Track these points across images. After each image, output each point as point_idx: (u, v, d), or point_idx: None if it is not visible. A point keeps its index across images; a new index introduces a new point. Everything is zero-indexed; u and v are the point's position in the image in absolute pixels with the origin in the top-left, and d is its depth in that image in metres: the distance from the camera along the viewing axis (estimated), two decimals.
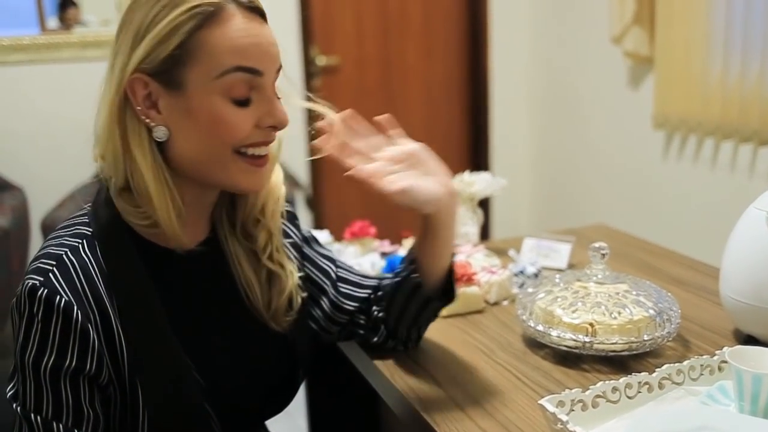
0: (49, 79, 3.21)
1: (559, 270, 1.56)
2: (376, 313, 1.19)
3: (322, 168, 3.78)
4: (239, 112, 0.94)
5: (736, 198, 2.66)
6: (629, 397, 0.99)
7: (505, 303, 1.41)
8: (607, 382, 0.98)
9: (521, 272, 1.46)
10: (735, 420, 0.91)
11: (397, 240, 1.65)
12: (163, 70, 0.91)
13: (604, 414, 0.97)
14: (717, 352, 1.06)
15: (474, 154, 4.07)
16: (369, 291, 1.21)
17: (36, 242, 2.95)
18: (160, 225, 0.95)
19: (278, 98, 0.98)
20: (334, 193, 3.86)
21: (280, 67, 0.98)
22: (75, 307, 0.88)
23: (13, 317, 0.91)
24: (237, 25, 0.92)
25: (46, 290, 0.87)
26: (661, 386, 1.01)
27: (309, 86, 3.64)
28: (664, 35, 2.84)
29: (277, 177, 1.10)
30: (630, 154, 3.23)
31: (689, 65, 2.74)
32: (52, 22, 3.26)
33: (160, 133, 0.93)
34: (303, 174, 3.73)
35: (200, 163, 0.95)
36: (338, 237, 1.66)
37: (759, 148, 2.55)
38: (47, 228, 2.72)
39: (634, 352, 1.14)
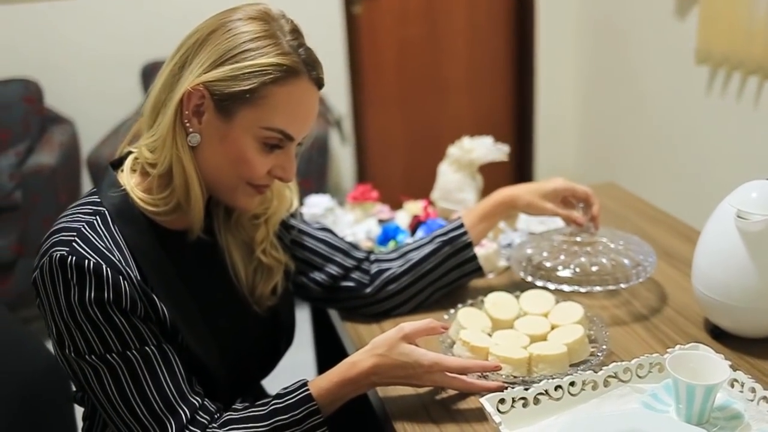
0: (91, 12, 3.29)
1: None
2: (376, 268, 1.32)
3: (364, 102, 3.79)
4: (263, 158, 1.04)
5: None
6: (572, 395, 1.04)
7: (491, 276, 1.46)
8: (550, 380, 1.03)
9: (509, 245, 1.49)
10: (664, 425, 0.96)
11: (397, 205, 1.70)
12: (223, 97, 1.00)
13: (545, 410, 1.02)
14: (668, 350, 1.09)
15: (519, 82, 4.01)
16: (365, 253, 1.34)
17: (84, 176, 3.10)
18: (184, 212, 1.06)
19: (300, 145, 1.10)
20: (376, 129, 3.88)
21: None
22: (104, 266, 0.96)
23: (43, 289, 0.97)
24: (301, 94, 1.04)
25: (74, 257, 0.95)
26: (606, 384, 1.06)
27: (348, 12, 3.61)
28: None
29: (289, 188, 1.21)
30: (673, 89, 3.13)
31: (734, 0, 2.60)
32: None
33: (194, 139, 1.03)
34: (344, 108, 3.75)
35: (213, 179, 1.07)
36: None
37: None
38: (93, 164, 2.86)
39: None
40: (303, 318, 1.78)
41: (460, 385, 1.07)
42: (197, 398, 1.02)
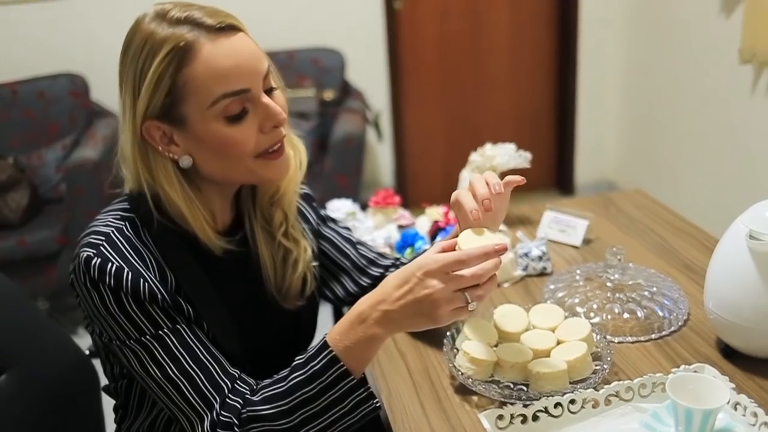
0: (138, 8, 3.36)
1: (574, 246, 1.58)
2: None
3: (404, 98, 3.79)
4: (239, 128, 1.03)
5: None
6: (572, 413, 1.05)
7: (506, 285, 1.46)
8: (550, 397, 1.04)
9: (526, 254, 1.49)
10: None
11: (418, 210, 1.71)
12: (164, 113, 1.02)
13: (544, 427, 1.03)
14: (673, 369, 1.08)
15: (561, 80, 3.96)
16: (382, 270, 1.33)
17: None
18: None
19: (275, 89, 1.06)
20: (415, 125, 3.88)
21: (269, 67, 1.05)
22: (126, 270, 1.01)
23: (78, 287, 1.03)
24: (211, 53, 1.00)
25: (99, 259, 1.00)
26: (607, 402, 1.06)
27: (389, 7, 3.61)
28: None
29: (293, 160, 1.18)
30: (716, 89, 3.06)
31: None
32: None
33: (185, 162, 1.05)
34: (383, 103, 3.76)
35: (227, 175, 1.08)
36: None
37: None
38: None
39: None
40: None
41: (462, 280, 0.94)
42: (234, 371, 1.06)
